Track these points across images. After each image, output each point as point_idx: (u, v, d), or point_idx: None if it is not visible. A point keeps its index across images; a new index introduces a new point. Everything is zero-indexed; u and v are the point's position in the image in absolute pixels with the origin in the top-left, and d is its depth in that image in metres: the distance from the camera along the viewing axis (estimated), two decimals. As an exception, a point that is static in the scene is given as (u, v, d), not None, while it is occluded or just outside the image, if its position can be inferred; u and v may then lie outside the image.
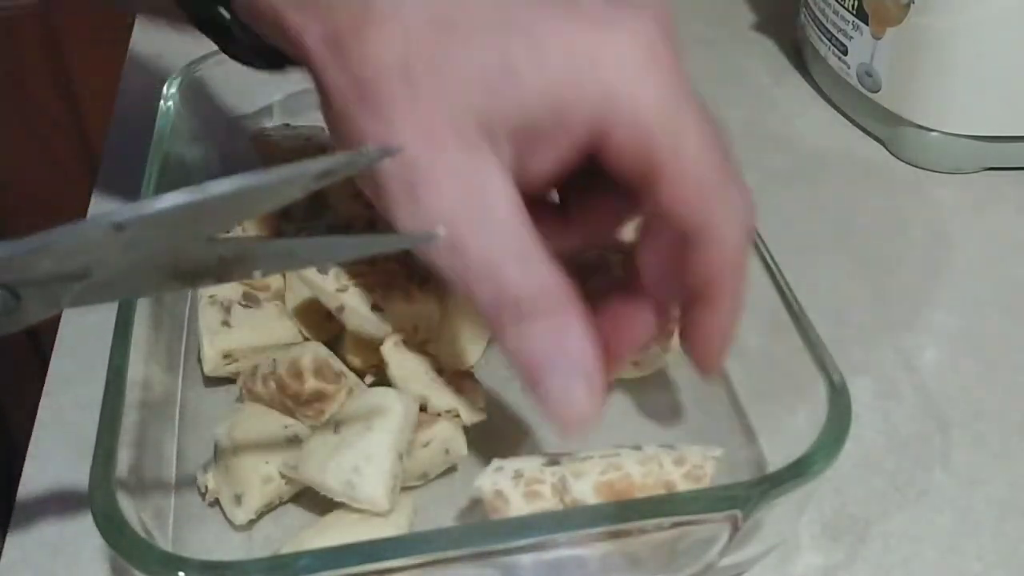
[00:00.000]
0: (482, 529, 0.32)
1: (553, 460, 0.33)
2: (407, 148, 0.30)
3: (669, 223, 0.32)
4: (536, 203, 0.32)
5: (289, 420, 0.38)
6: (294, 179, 0.26)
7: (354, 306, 0.37)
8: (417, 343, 0.38)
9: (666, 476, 0.32)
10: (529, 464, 0.33)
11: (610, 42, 0.30)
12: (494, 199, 0.30)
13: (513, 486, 0.33)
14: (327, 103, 0.33)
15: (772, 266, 0.38)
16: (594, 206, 0.36)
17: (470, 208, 0.30)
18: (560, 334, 0.31)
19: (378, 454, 0.33)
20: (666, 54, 0.31)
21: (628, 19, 0.31)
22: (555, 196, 0.37)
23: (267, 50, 0.36)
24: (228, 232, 0.27)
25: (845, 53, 0.57)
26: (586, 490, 0.32)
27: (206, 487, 0.36)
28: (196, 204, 0.26)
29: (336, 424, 0.35)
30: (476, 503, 0.36)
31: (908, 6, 0.52)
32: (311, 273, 0.38)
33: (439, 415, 0.36)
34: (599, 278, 0.39)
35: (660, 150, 0.30)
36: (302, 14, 0.32)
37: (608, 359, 0.32)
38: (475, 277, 0.30)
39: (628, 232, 0.38)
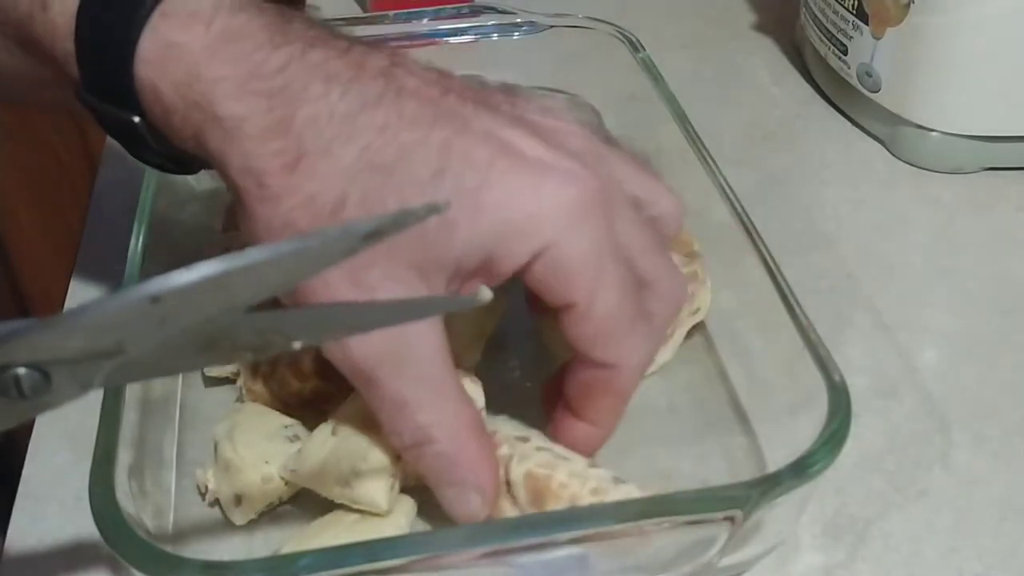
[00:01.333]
0: (482, 529, 0.32)
1: (523, 437, 0.35)
2: (336, 291, 0.30)
3: (572, 343, 0.33)
4: None
5: (289, 420, 0.38)
6: (338, 241, 0.24)
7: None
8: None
9: (577, 493, 0.33)
10: (504, 428, 0.35)
11: (548, 195, 0.31)
12: (417, 345, 0.32)
13: None
14: (250, 227, 0.32)
15: (772, 266, 0.38)
16: None
17: (393, 353, 0.31)
18: (458, 467, 0.33)
19: (376, 455, 0.33)
20: (598, 210, 0.32)
21: (566, 171, 0.31)
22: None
23: (181, 156, 0.34)
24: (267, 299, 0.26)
25: (845, 53, 0.57)
26: (518, 475, 0.33)
27: (206, 487, 0.36)
28: (235, 272, 0.24)
29: (334, 426, 0.35)
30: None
31: (908, 6, 0.52)
32: None
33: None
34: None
35: (579, 295, 0.32)
36: (225, 144, 0.31)
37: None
38: (388, 413, 0.32)
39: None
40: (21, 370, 0.25)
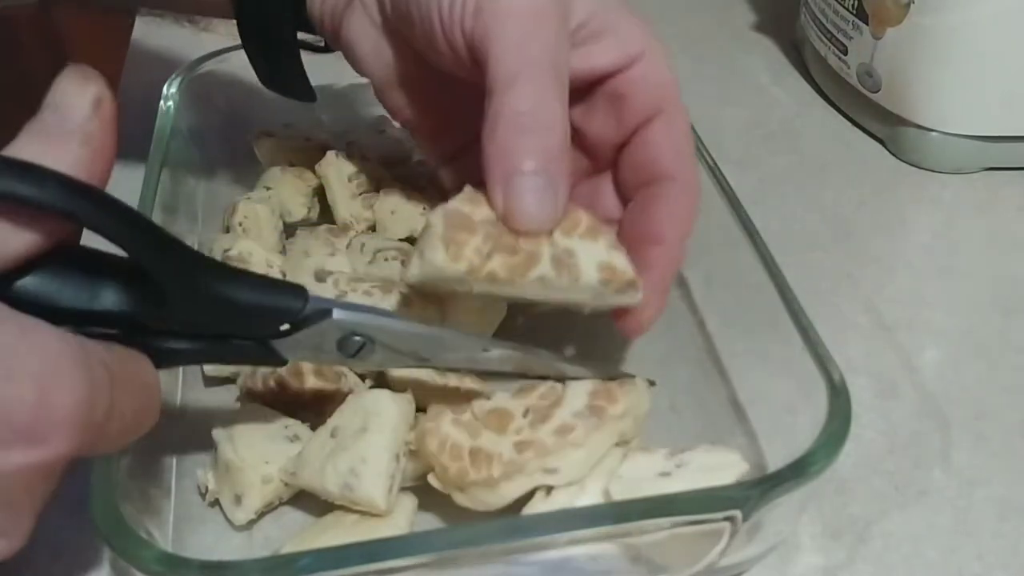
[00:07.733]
0: (482, 529, 0.32)
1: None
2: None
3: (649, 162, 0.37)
4: None
5: (289, 420, 0.38)
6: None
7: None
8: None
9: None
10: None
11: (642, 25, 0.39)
12: (558, 58, 0.34)
13: None
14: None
15: (772, 266, 0.38)
16: None
17: (541, 61, 0.33)
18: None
19: (374, 456, 0.33)
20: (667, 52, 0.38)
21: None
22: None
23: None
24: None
25: (845, 53, 0.57)
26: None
27: (206, 487, 0.36)
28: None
29: (332, 428, 0.35)
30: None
31: (908, 6, 0.52)
32: (308, 282, 0.38)
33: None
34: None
35: (671, 102, 0.38)
36: None
37: None
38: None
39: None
40: (360, 339, 0.32)
